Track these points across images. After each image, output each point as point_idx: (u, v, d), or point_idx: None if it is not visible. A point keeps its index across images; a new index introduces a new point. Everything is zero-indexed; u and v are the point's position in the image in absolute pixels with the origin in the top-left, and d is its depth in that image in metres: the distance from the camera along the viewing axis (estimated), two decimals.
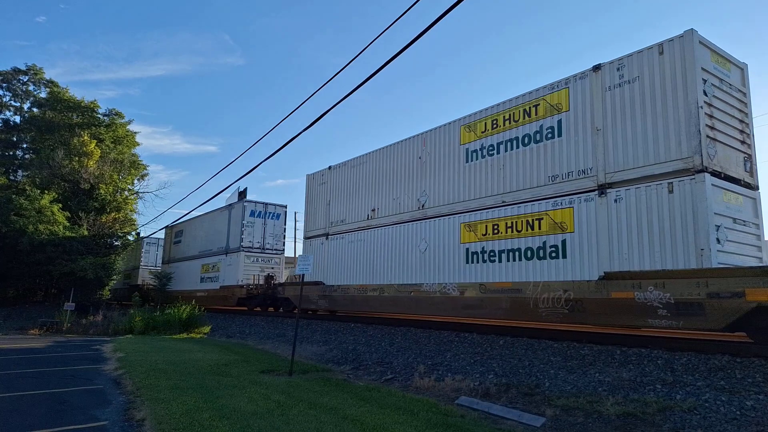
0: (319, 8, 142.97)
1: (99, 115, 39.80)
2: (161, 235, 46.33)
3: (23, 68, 40.61)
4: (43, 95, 40.87)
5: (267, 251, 26.77)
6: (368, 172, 17.11)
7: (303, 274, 11.79)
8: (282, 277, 26.63)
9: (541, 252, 10.95)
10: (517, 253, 11.45)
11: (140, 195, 40.40)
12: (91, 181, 32.53)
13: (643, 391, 7.35)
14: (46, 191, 29.27)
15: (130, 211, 37.53)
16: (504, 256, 11.72)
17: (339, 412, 7.14)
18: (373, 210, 16.58)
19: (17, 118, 41.80)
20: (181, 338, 18.65)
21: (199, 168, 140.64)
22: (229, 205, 27.64)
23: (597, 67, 10.58)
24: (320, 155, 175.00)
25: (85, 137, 34.17)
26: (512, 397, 8.01)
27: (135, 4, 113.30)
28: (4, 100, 41.34)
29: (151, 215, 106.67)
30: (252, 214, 26.59)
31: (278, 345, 15.38)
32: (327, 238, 18.57)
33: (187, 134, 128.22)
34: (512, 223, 11.72)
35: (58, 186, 32.25)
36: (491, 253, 12.04)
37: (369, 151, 17.51)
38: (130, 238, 38.69)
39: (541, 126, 11.42)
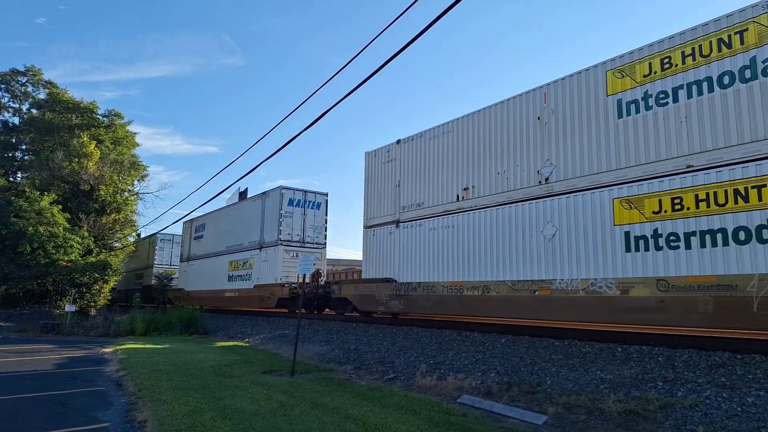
0: (319, 8, 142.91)
1: (98, 116, 39.74)
2: (177, 229, 43.73)
3: (22, 69, 40.62)
4: (42, 96, 40.86)
5: (307, 245, 23.32)
6: (456, 142, 14.07)
7: (304, 274, 11.80)
8: (324, 275, 23.07)
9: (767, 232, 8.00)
10: (720, 236, 8.48)
11: (140, 196, 40.37)
12: (91, 183, 32.49)
13: (645, 388, 7.36)
14: (45, 193, 29.22)
15: (131, 212, 37.47)
16: (695, 240, 8.76)
17: (341, 411, 7.15)
18: (466, 189, 13.52)
19: (16, 120, 41.80)
20: (183, 339, 18.65)
21: (200, 169, 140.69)
22: (263, 193, 24.64)
23: None
24: (322, 152, 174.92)
25: (85, 138, 34.12)
26: (514, 396, 8.02)
27: (135, 5, 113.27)
28: (3, 101, 41.33)
29: (152, 216, 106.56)
30: (290, 203, 23.04)
31: (279, 345, 15.39)
32: (397, 226, 15.70)
33: (188, 135, 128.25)
34: (708, 194, 8.71)
35: (57, 187, 32.21)
36: (672, 237, 9.06)
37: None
38: (131, 239, 38.62)
39: (754, 59, 8.48)
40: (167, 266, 37.91)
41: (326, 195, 24.41)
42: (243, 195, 28.29)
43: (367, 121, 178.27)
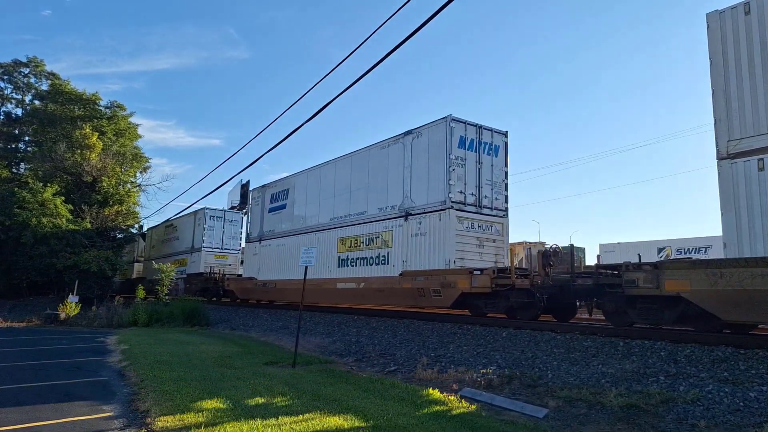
0: (324, 1, 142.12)
1: (101, 108, 39.77)
2: (220, 201, 39.62)
3: (24, 60, 40.59)
4: (44, 88, 40.86)
5: (485, 211, 14.83)
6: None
7: (306, 268, 11.75)
8: (505, 258, 15.39)
9: None
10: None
11: (143, 188, 40.42)
12: (94, 174, 32.52)
13: (647, 382, 7.35)
14: (48, 184, 29.27)
15: (133, 203, 37.53)
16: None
17: (342, 403, 7.16)
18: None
19: (19, 111, 41.88)
20: (185, 330, 18.72)
21: (203, 161, 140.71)
22: (407, 132, 15.99)
23: None
24: (323, 150, 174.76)
25: (87, 130, 34.12)
26: (515, 389, 8.02)
27: None
28: (6, 92, 41.36)
29: (154, 208, 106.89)
30: (461, 143, 14.54)
31: (281, 337, 15.43)
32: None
33: (192, 128, 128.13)
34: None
35: (60, 179, 32.26)
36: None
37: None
38: (133, 230, 38.68)
39: None
40: (218, 249, 30.99)
41: (505, 134, 15.80)
42: (245, 187, 28.06)
43: (367, 117, 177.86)
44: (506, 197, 15.65)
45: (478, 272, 13.07)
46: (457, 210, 14.27)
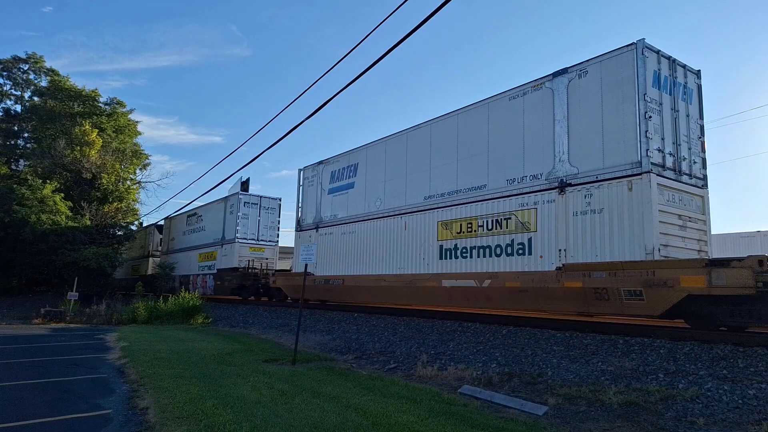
0: None
1: (100, 104, 39.73)
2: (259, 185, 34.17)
3: (23, 56, 40.52)
4: (43, 84, 40.80)
5: (684, 179, 11.01)
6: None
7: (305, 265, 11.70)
8: (709, 244, 11.26)
9: None
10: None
11: (142, 185, 40.39)
12: (93, 171, 32.49)
13: (646, 380, 7.36)
14: (48, 181, 29.26)
15: (133, 200, 37.51)
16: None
17: (342, 400, 7.16)
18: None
19: (18, 107, 41.81)
20: (185, 328, 18.73)
21: (205, 158, 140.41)
22: (564, 72, 11.73)
23: None
24: (324, 147, 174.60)
25: (87, 126, 34.09)
26: (515, 386, 8.03)
27: None
28: (5, 88, 41.29)
29: (154, 205, 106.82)
30: (655, 80, 10.73)
31: (281, 334, 15.44)
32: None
33: (193, 125, 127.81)
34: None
35: (60, 176, 32.23)
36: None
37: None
38: (133, 227, 38.61)
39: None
40: (253, 241, 26.95)
41: (698, 75, 11.88)
42: (245, 185, 27.85)
43: (366, 114, 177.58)
44: (704, 161, 11.52)
45: (721, 265, 8.51)
46: (657, 175, 10.12)
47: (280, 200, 28.16)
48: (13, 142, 41.49)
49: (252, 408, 6.66)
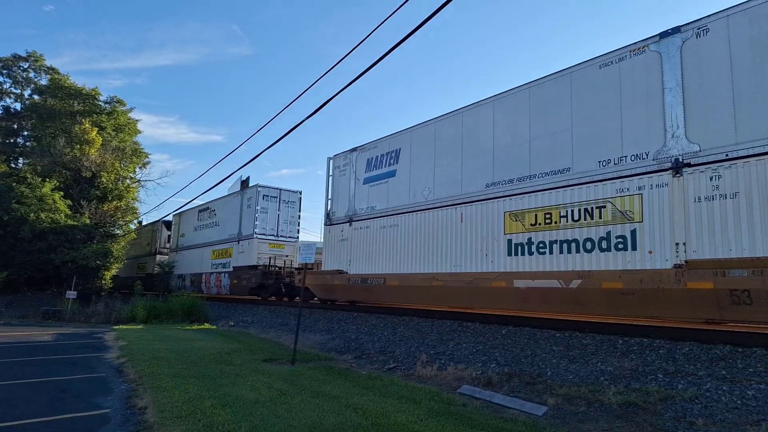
0: None
1: (100, 103, 39.66)
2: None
3: (23, 55, 40.47)
4: (43, 82, 40.74)
5: None
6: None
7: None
8: None
9: None
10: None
11: (142, 183, 40.31)
12: (93, 169, 32.45)
13: (645, 380, 7.36)
14: (47, 179, 29.23)
15: (132, 199, 37.45)
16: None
17: (341, 400, 7.16)
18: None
19: (18, 105, 41.74)
20: (184, 327, 18.72)
21: (205, 157, 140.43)
22: (675, 31, 9.99)
23: None
24: (325, 146, 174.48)
25: (87, 125, 34.03)
26: (514, 387, 8.02)
27: None
28: (5, 87, 41.24)
29: (153, 203, 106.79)
30: None
31: (280, 334, 15.43)
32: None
33: (193, 124, 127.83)
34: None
35: (59, 174, 32.19)
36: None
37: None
38: (132, 226, 38.54)
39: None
40: (273, 237, 25.23)
41: None
42: (245, 184, 27.73)
43: (366, 114, 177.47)
44: None
45: None
46: None
47: (300, 193, 26.68)
48: (12, 140, 41.43)
49: (251, 408, 6.65)
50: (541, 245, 11.47)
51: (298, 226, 26.44)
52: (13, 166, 38.68)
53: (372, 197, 17.10)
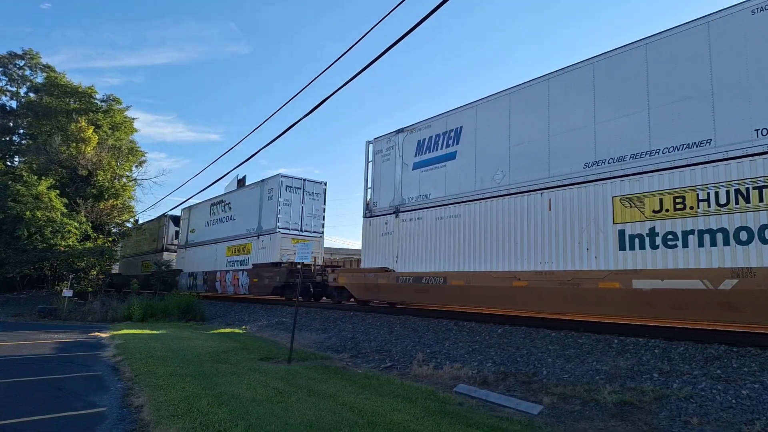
0: None
1: (96, 101, 39.59)
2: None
3: (19, 52, 40.33)
4: (39, 80, 40.61)
5: None
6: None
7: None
8: None
9: None
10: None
11: (138, 182, 40.24)
12: (89, 168, 32.39)
13: (640, 379, 7.39)
14: (43, 177, 29.16)
15: (128, 197, 37.40)
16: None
17: (338, 399, 7.16)
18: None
19: (13, 103, 41.63)
20: (180, 326, 18.69)
21: (202, 156, 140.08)
22: None
23: None
24: (325, 146, 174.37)
25: (83, 123, 33.95)
26: (510, 385, 8.05)
27: None
28: (0, 84, 41.09)
29: (150, 202, 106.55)
30: None
31: (277, 333, 15.43)
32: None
33: (191, 122, 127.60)
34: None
35: (55, 172, 32.13)
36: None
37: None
38: (129, 225, 38.44)
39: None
40: (296, 232, 23.04)
41: None
42: (241, 182, 27.63)
43: (367, 107, 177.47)
44: None
45: None
46: None
47: (325, 184, 24.45)
48: (8, 139, 41.29)
49: (247, 406, 6.66)
50: (669, 237, 9.21)
51: (323, 220, 24.35)
52: (8, 164, 38.57)
53: (425, 184, 14.86)
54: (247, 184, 26.44)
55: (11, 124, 41.34)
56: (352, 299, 18.17)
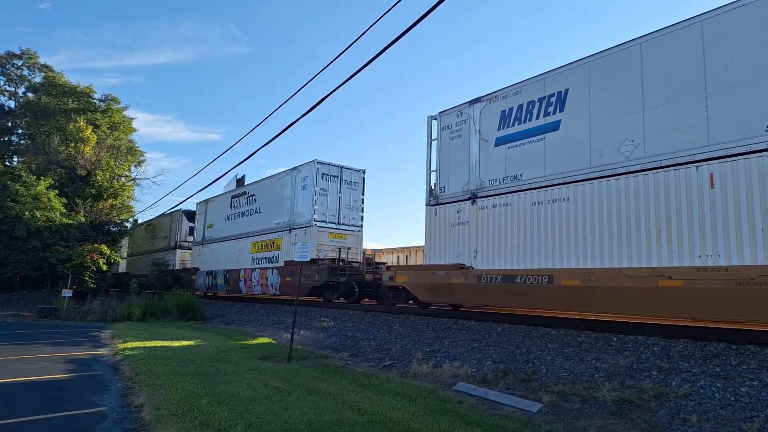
0: None
1: (95, 101, 39.53)
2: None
3: (17, 52, 40.25)
4: (37, 80, 40.54)
5: None
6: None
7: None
8: None
9: None
10: None
11: (137, 181, 40.19)
12: (88, 168, 32.35)
13: (639, 377, 7.41)
14: (42, 177, 29.12)
15: (128, 197, 37.35)
16: None
17: (337, 397, 7.18)
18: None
19: (12, 103, 41.55)
20: (180, 325, 18.69)
21: (201, 156, 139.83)
22: None
23: None
24: (323, 145, 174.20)
25: (81, 123, 33.89)
26: (509, 384, 8.06)
27: None
28: None
29: (149, 202, 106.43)
30: None
31: (276, 332, 15.43)
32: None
33: (190, 122, 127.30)
34: None
35: (54, 172, 32.09)
36: None
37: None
38: (128, 224, 38.36)
39: None
40: (333, 226, 20.39)
41: None
42: (241, 182, 27.59)
43: (366, 105, 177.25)
44: None
45: None
46: None
47: (364, 172, 21.65)
48: (6, 139, 41.24)
49: (247, 405, 6.67)
50: None
51: (362, 212, 21.51)
52: (7, 164, 38.50)
53: (513, 163, 12.33)
54: (274, 173, 23.99)
55: (10, 124, 41.28)
56: (411, 301, 15.97)
